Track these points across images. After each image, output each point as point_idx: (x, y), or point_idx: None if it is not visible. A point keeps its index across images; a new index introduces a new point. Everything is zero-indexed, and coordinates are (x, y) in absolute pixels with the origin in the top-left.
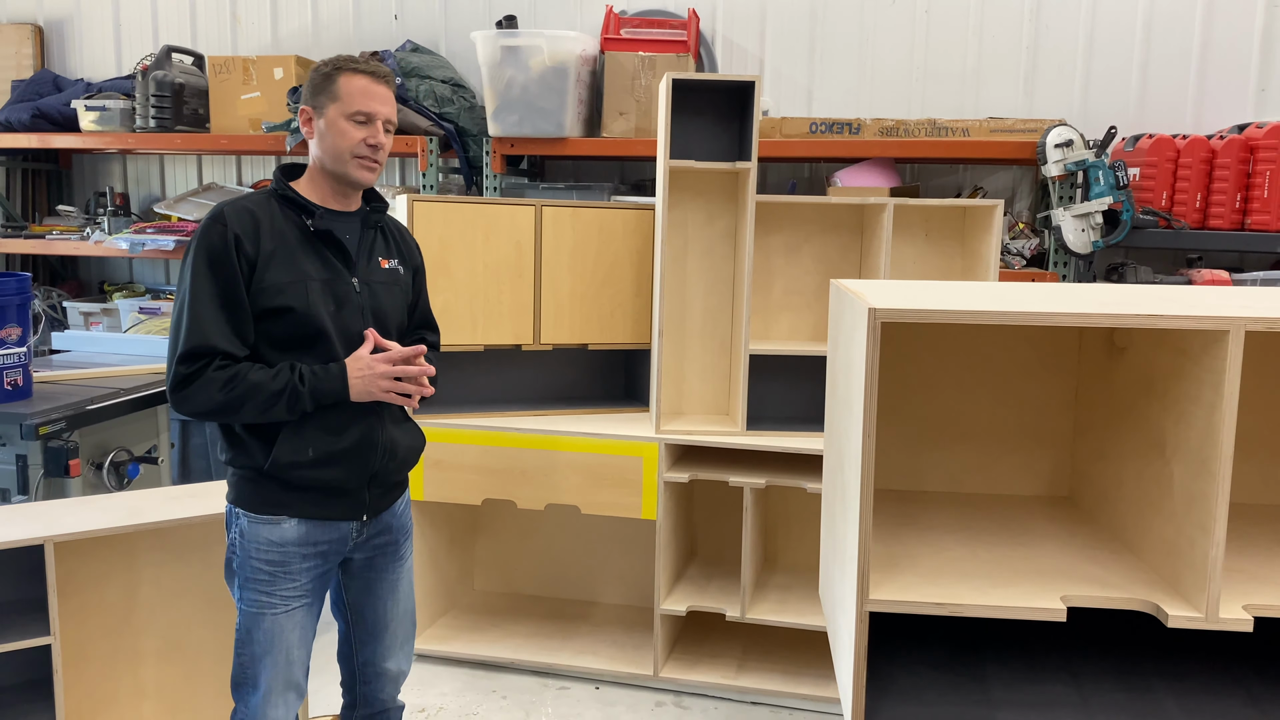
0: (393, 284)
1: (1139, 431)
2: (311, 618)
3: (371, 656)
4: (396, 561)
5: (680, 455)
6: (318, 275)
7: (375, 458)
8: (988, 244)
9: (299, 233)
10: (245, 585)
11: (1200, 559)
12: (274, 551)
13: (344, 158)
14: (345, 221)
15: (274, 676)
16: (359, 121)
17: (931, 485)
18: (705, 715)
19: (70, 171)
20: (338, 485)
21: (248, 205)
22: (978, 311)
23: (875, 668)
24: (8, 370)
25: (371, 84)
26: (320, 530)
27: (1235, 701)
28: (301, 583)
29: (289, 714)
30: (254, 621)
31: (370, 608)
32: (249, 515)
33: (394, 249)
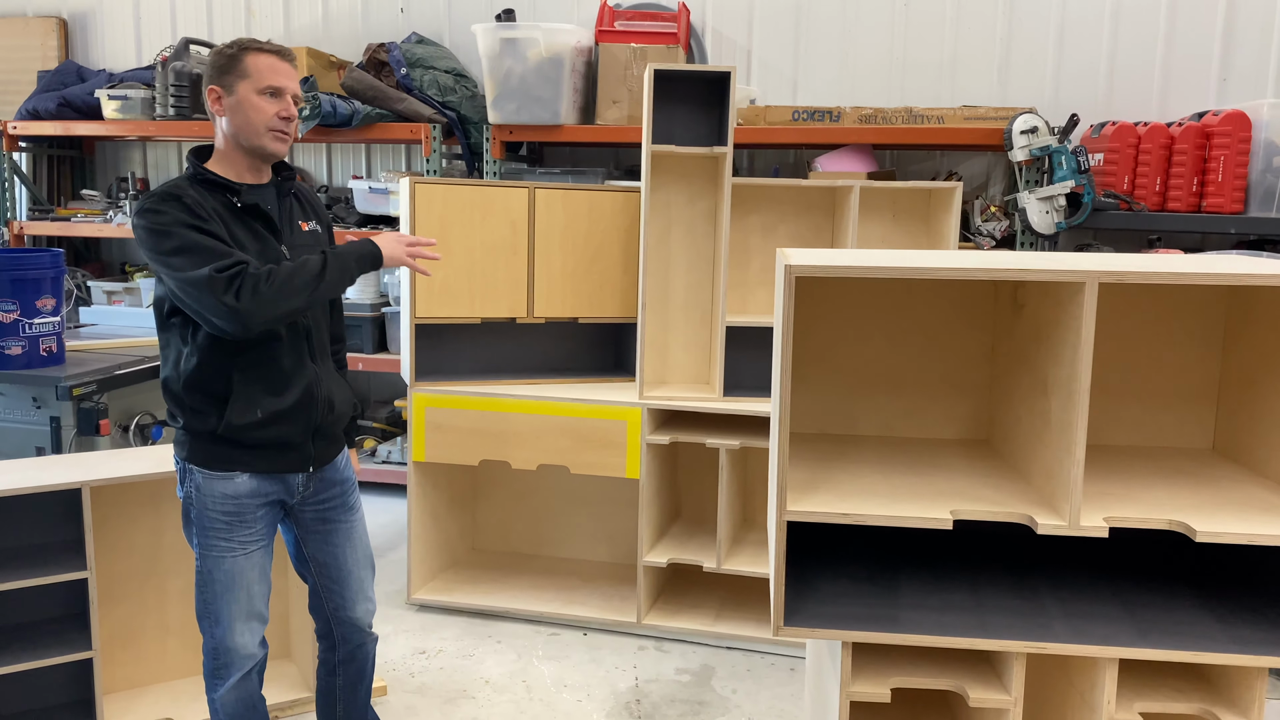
0: (315, 245)
1: (1031, 375)
2: (267, 556)
3: (341, 603)
4: (347, 511)
5: (663, 420)
6: (251, 247)
7: (317, 412)
8: (948, 223)
9: (227, 210)
10: (204, 534)
11: (1065, 478)
12: (229, 503)
13: (259, 131)
14: (264, 193)
15: (236, 610)
16: (270, 95)
17: (864, 430)
18: (684, 658)
19: (93, 158)
20: (285, 440)
21: (175, 193)
22: (872, 267)
23: (802, 579)
24: (43, 338)
25: (278, 61)
26: (270, 483)
27: (1107, 599)
28: (257, 529)
29: (254, 638)
30: (215, 564)
31: (332, 558)
32: (203, 471)
33: (309, 211)
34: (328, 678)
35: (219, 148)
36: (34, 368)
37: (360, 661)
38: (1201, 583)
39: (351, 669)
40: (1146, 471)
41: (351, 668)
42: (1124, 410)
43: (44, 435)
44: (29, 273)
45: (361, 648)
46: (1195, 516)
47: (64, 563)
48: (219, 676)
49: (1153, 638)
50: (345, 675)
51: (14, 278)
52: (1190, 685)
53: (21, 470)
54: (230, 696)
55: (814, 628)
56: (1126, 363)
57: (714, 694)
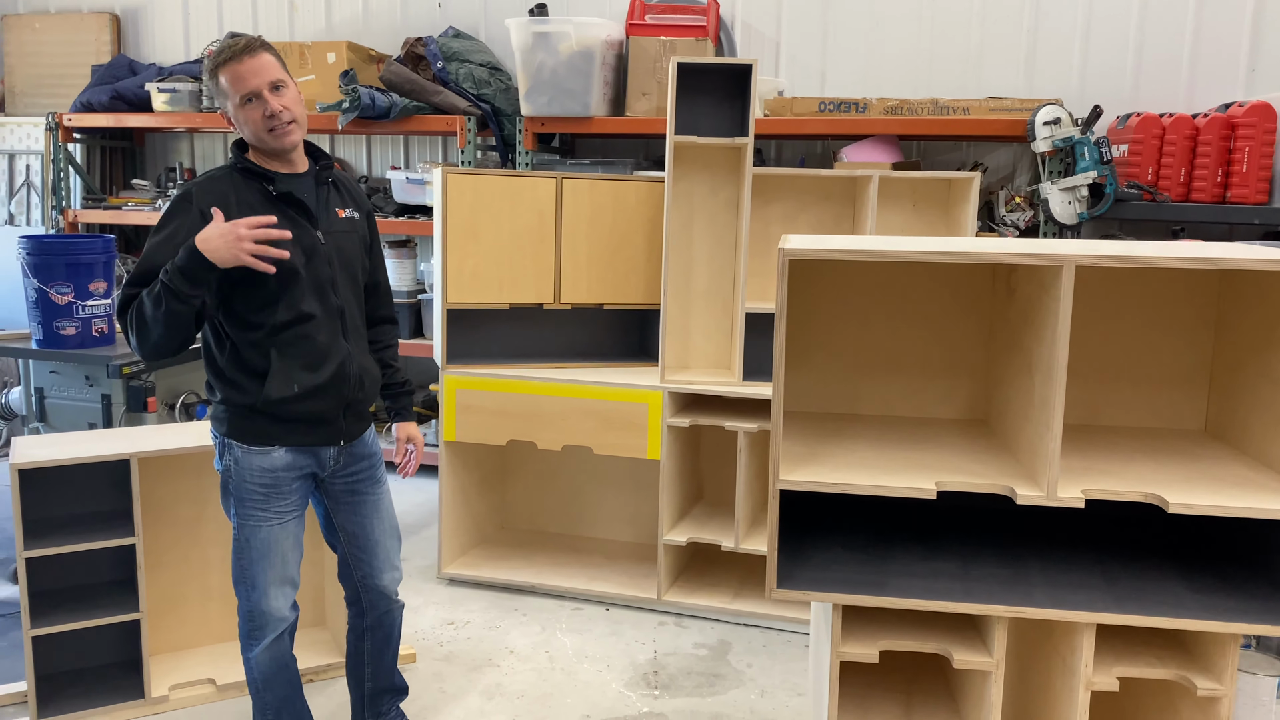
0: (351, 231)
1: (1019, 356)
2: (300, 525)
3: (368, 571)
4: (375, 484)
5: (685, 404)
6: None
7: (349, 388)
8: (966, 212)
9: (263, 198)
10: (241, 504)
11: (1044, 451)
12: (266, 476)
13: (261, 136)
14: (300, 182)
15: (271, 576)
16: (249, 102)
17: (865, 409)
18: (702, 633)
19: (143, 148)
20: (319, 415)
21: (215, 184)
22: (860, 250)
23: (797, 548)
24: (95, 319)
25: (239, 66)
26: (304, 456)
27: (1088, 570)
28: (292, 500)
29: (286, 602)
30: (251, 533)
31: (360, 528)
32: (242, 446)
33: (347, 199)
34: (356, 642)
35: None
36: (87, 347)
37: (387, 627)
38: (1181, 556)
39: (379, 634)
40: (1135, 450)
41: (379, 633)
42: (1118, 392)
43: (95, 411)
44: (83, 257)
45: (388, 614)
46: (1172, 490)
47: (113, 529)
48: (254, 638)
49: (1129, 605)
50: (373, 640)
51: (69, 262)
52: (1167, 652)
53: (75, 442)
54: (264, 656)
55: (806, 590)
56: (1121, 346)
57: (730, 667)
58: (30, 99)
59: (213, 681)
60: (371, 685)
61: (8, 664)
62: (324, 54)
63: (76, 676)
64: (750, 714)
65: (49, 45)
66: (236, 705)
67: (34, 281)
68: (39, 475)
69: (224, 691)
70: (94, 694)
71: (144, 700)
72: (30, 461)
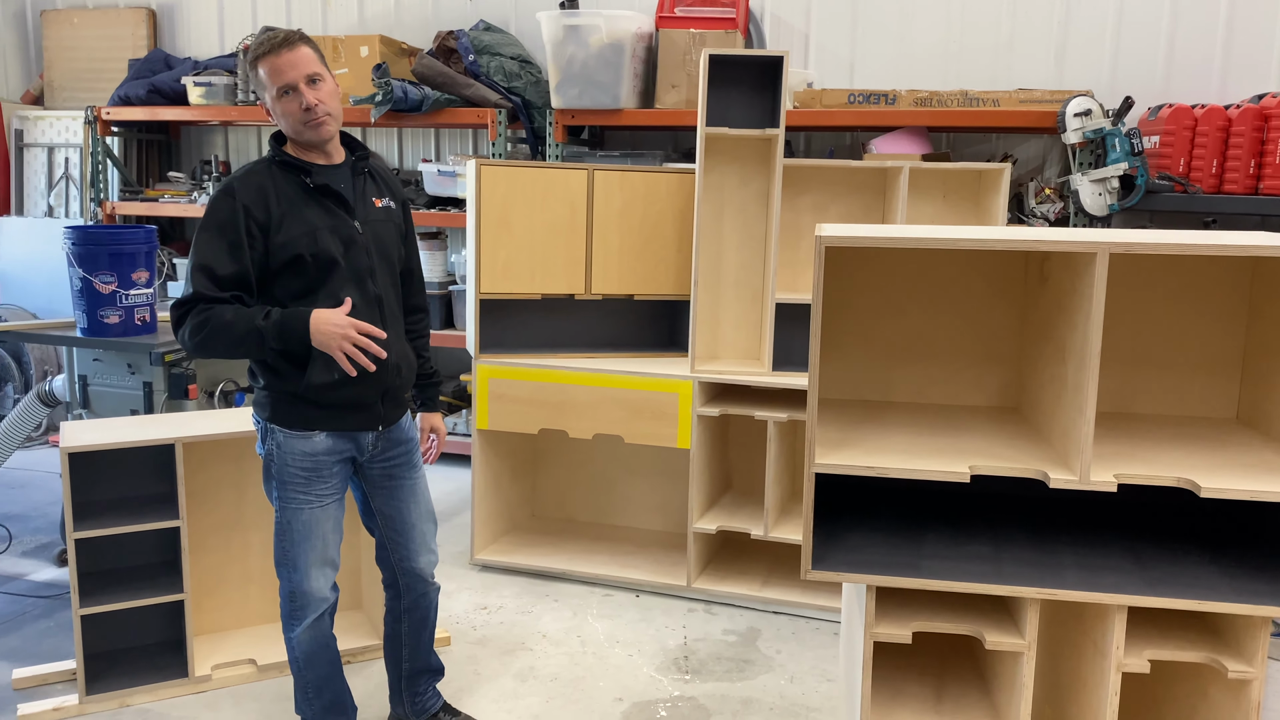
0: (388, 220)
1: (1052, 343)
2: (340, 508)
3: (405, 554)
4: (411, 469)
5: (714, 393)
6: (324, 224)
7: (388, 375)
8: (997, 203)
9: (301, 190)
10: (283, 487)
11: (1077, 436)
12: (308, 460)
13: (297, 128)
14: (337, 173)
15: (312, 557)
16: (285, 94)
17: (899, 397)
18: (731, 620)
19: (179, 141)
20: (358, 401)
21: (255, 177)
22: (895, 238)
23: (832, 532)
24: (138, 308)
25: (277, 60)
26: (344, 440)
27: (1119, 554)
28: (332, 484)
29: (326, 583)
30: (293, 516)
31: (396, 512)
32: (284, 430)
33: (384, 188)
34: (394, 624)
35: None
36: (129, 335)
37: (423, 609)
38: (1212, 541)
39: (415, 616)
40: (1166, 437)
41: (415, 615)
42: (1150, 380)
43: (137, 399)
44: (126, 248)
45: (424, 596)
46: (1204, 475)
47: (158, 512)
48: (295, 618)
49: (1160, 588)
50: (410, 622)
51: (112, 252)
52: (1198, 636)
53: (121, 427)
54: (305, 636)
55: (841, 571)
56: (1153, 335)
57: (759, 653)
58: (68, 93)
59: (253, 662)
60: (409, 666)
61: (55, 643)
62: (357, 47)
63: (123, 655)
64: (780, 699)
65: (87, 40)
66: (276, 685)
67: (79, 271)
68: (88, 459)
69: (264, 672)
70: (140, 672)
71: (188, 679)
72: (79, 445)
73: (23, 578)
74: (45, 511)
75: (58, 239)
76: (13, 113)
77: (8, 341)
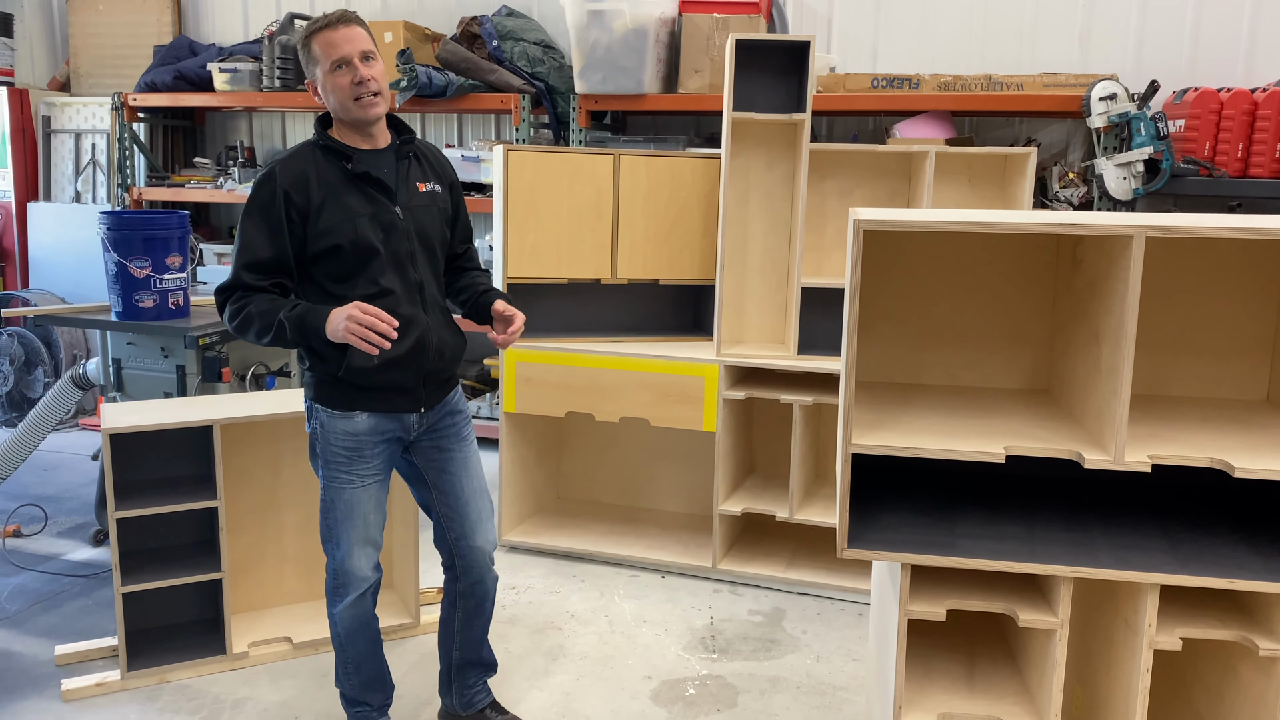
0: (431, 205)
1: (1086, 326)
2: (383, 489)
3: (460, 531)
4: (460, 441)
5: (740, 377)
6: (364, 210)
7: (428, 359)
8: (1022, 187)
9: (343, 175)
10: (327, 466)
11: (1113, 418)
12: (349, 440)
13: (347, 104)
14: (381, 158)
15: (354, 536)
16: (338, 68)
17: (930, 379)
18: (757, 601)
19: (203, 128)
20: (398, 385)
21: (297, 161)
22: (932, 221)
23: (866, 512)
24: (171, 292)
25: (333, 34)
26: (386, 421)
27: (1152, 534)
28: (374, 464)
29: (369, 562)
30: (336, 494)
31: (450, 486)
32: (327, 410)
33: (429, 171)
34: (449, 609)
35: (334, 122)
36: (164, 319)
37: (479, 597)
38: (1244, 522)
39: (470, 602)
40: (1198, 418)
41: (470, 601)
42: (1181, 363)
43: (170, 382)
44: (159, 233)
45: (481, 583)
46: (1237, 456)
47: (196, 493)
48: (338, 595)
49: (1192, 566)
50: (464, 607)
51: (146, 237)
52: (1230, 614)
53: (159, 409)
54: (346, 613)
55: (876, 549)
56: (1184, 318)
57: (785, 633)
58: (94, 79)
59: (289, 639)
60: (459, 655)
61: (93, 620)
62: (381, 33)
63: (162, 632)
64: (807, 677)
65: (112, 27)
66: (312, 662)
67: (114, 256)
68: (127, 440)
69: (300, 649)
70: (179, 649)
71: (225, 656)
72: (120, 427)
73: (59, 557)
74: (78, 493)
75: (85, 224)
76: (40, 99)
77: (40, 326)
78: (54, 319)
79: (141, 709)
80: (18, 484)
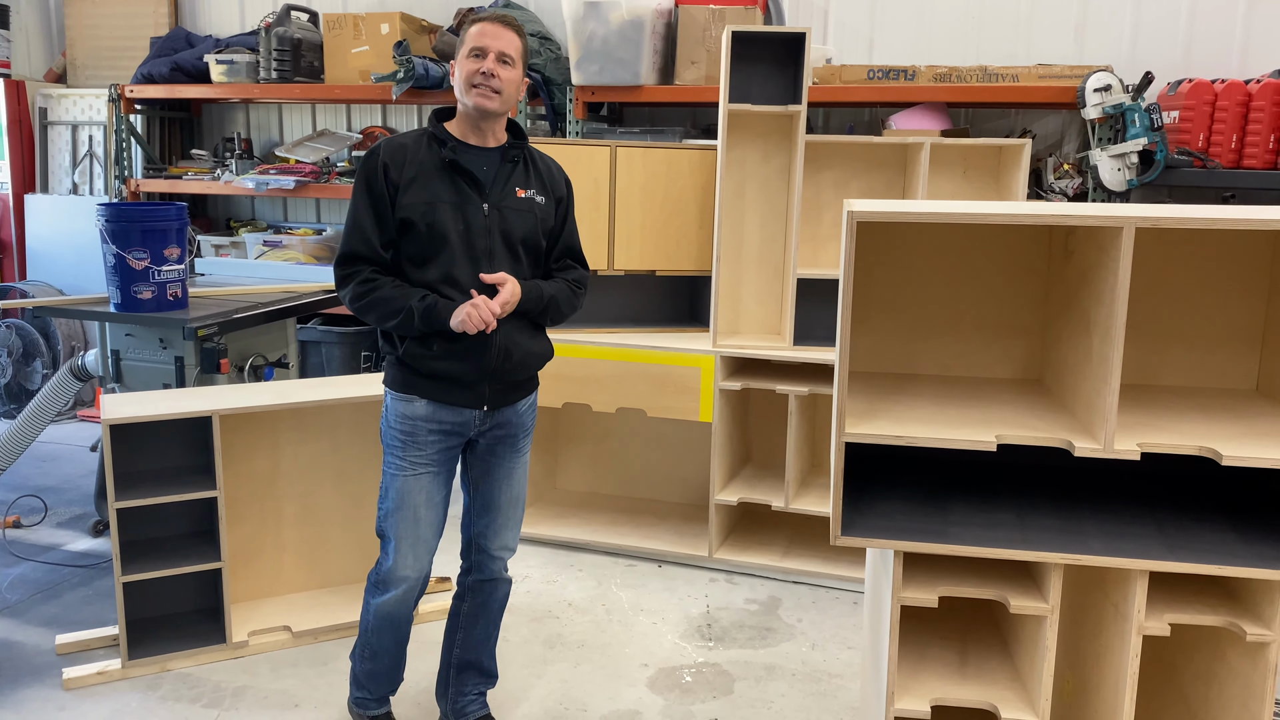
0: (527, 211)
1: (1077, 316)
2: (438, 486)
3: (482, 529)
4: (514, 453)
5: (736, 368)
6: (449, 199)
7: (490, 357)
8: (1016, 179)
9: (438, 163)
10: (387, 449)
11: (1103, 406)
12: (406, 424)
13: (465, 89)
14: (483, 154)
15: (403, 531)
16: (475, 55)
17: (923, 369)
18: (752, 590)
19: (200, 119)
20: (457, 377)
21: (402, 139)
22: (925, 213)
23: (860, 500)
24: (170, 284)
25: (489, 26)
26: (445, 412)
27: (1142, 522)
28: (427, 453)
29: (415, 564)
30: (390, 480)
31: (486, 486)
32: (392, 393)
33: (534, 180)
34: (457, 601)
35: (457, 110)
36: (162, 311)
37: (485, 595)
38: (1232, 509)
39: (477, 599)
40: (1188, 408)
41: (477, 598)
42: (1171, 353)
43: (169, 373)
44: (157, 225)
45: (490, 582)
46: (1225, 444)
47: (195, 483)
48: (378, 587)
49: (1181, 553)
50: (471, 603)
51: (145, 229)
52: (1218, 600)
53: (159, 400)
54: (382, 608)
55: (869, 537)
56: (1174, 309)
57: (780, 621)
58: (90, 71)
59: (288, 628)
60: (459, 654)
61: (93, 610)
62: (378, 25)
63: (163, 621)
64: (803, 665)
65: (108, 18)
66: (311, 650)
67: (113, 247)
68: (127, 431)
69: (299, 638)
70: (179, 638)
71: (225, 644)
72: (120, 418)
73: (59, 548)
74: (77, 484)
75: (83, 216)
76: (36, 91)
77: (38, 318)
78: (52, 311)
79: (142, 697)
80: (17, 475)
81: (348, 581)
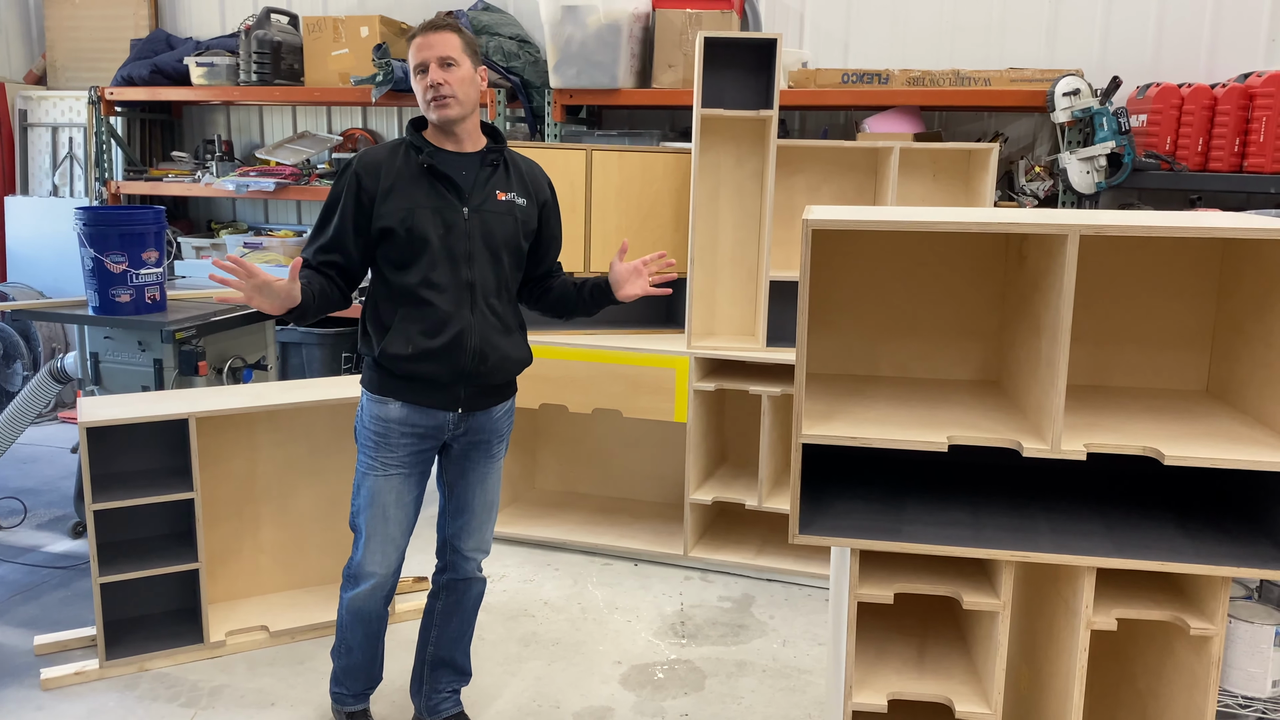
0: (507, 214)
1: (1029, 320)
2: (409, 487)
3: (455, 531)
4: (488, 458)
5: (710, 369)
6: (427, 203)
7: (464, 359)
8: (985, 182)
9: (416, 169)
10: (360, 449)
11: (1050, 408)
12: (379, 425)
13: (424, 107)
14: (461, 159)
15: (373, 529)
16: (420, 73)
17: (884, 371)
18: (727, 588)
19: (180, 121)
20: (432, 378)
21: (378, 152)
22: (877, 220)
23: (819, 500)
24: (148, 287)
25: (421, 39)
26: (419, 414)
27: (1091, 520)
28: (399, 455)
29: (383, 561)
30: (362, 480)
31: (460, 490)
32: (368, 394)
33: (515, 183)
34: (431, 599)
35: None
36: (140, 313)
37: (459, 594)
38: (1178, 508)
39: (451, 597)
40: (1138, 409)
41: (451, 596)
42: (1124, 355)
43: (148, 375)
44: (136, 228)
45: (464, 580)
46: (1169, 444)
47: (173, 485)
48: (349, 582)
49: (1128, 550)
50: (445, 601)
51: (123, 232)
52: (1164, 595)
53: (136, 403)
54: (353, 603)
55: (827, 535)
56: (1126, 311)
57: (753, 619)
58: (71, 73)
59: (265, 628)
60: (433, 651)
61: (72, 611)
62: (357, 28)
63: (141, 622)
64: (773, 661)
65: (88, 20)
66: (288, 650)
67: (90, 251)
68: (105, 434)
69: (276, 638)
70: (157, 638)
71: (203, 644)
72: (97, 420)
73: (38, 549)
74: (56, 485)
75: (63, 218)
76: (16, 93)
77: (18, 320)
78: (30, 314)
79: (120, 697)
80: None
81: (324, 582)
